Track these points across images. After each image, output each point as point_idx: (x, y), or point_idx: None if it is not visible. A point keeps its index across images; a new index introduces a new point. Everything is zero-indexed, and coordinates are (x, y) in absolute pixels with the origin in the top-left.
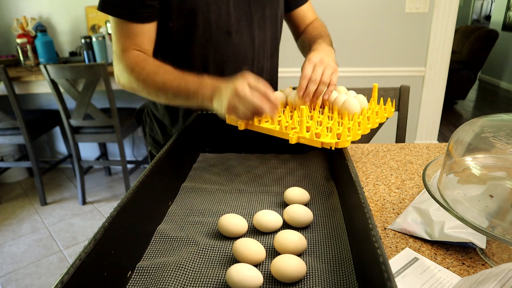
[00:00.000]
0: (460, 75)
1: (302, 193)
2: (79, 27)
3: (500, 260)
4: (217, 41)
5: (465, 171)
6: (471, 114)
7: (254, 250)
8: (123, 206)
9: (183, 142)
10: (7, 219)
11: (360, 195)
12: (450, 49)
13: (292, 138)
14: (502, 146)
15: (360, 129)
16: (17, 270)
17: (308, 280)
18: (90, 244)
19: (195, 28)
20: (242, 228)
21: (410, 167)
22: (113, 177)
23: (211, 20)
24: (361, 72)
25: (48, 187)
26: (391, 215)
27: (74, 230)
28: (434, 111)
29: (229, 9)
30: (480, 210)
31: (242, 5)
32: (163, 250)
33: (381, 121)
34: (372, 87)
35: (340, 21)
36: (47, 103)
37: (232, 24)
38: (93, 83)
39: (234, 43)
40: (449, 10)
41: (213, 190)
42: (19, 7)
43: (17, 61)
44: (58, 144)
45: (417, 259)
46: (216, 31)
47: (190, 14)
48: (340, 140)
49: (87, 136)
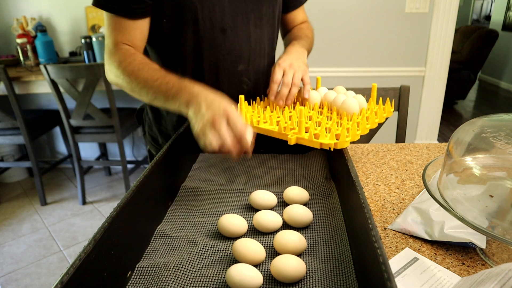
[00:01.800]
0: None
1: (302, 192)
2: (79, 27)
3: (500, 260)
4: (211, 39)
5: (465, 171)
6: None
7: (254, 250)
8: (123, 206)
9: (183, 142)
10: (7, 219)
11: (360, 195)
12: (450, 49)
13: (291, 139)
14: (502, 146)
15: (359, 130)
16: (17, 270)
17: (308, 280)
18: (90, 244)
19: (188, 25)
20: (242, 228)
21: (410, 167)
22: (113, 177)
23: (205, 17)
24: (361, 72)
25: (48, 187)
26: (391, 215)
27: (74, 230)
28: (434, 111)
29: (223, 6)
30: (480, 210)
31: (237, 2)
32: (163, 250)
33: (380, 121)
34: (372, 87)
35: (340, 21)
36: (47, 103)
37: (227, 21)
38: (93, 83)
39: (229, 41)
40: (449, 10)
41: (213, 190)
42: (19, 7)
43: (17, 61)
44: (58, 144)
45: (417, 259)
46: (210, 29)
47: (183, 11)
48: (339, 141)
49: (87, 136)
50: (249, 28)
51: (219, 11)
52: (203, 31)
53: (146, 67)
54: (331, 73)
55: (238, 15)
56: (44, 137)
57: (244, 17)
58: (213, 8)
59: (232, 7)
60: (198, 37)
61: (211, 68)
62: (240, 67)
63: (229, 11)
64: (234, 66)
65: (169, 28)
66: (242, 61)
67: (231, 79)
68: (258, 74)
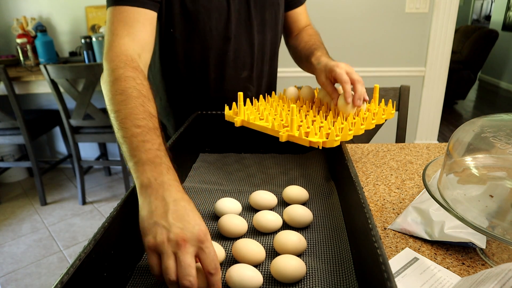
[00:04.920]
0: (460, 75)
1: (301, 191)
2: (79, 27)
3: (500, 260)
4: (217, 47)
5: (465, 171)
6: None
7: (254, 250)
8: (123, 206)
9: (183, 142)
10: (7, 219)
11: (360, 195)
12: (450, 49)
13: (282, 136)
14: (502, 146)
15: (352, 130)
16: (17, 270)
17: (308, 280)
18: (90, 244)
19: (195, 34)
20: (242, 229)
21: (410, 167)
22: (113, 177)
23: (212, 26)
24: (361, 72)
25: (48, 187)
26: (391, 215)
27: (74, 230)
28: (434, 111)
29: (229, 14)
30: (480, 210)
31: (242, 9)
32: None
33: (378, 123)
34: (373, 88)
35: (340, 21)
36: (47, 103)
37: (231, 29)
38: (93, 83)
39: (233, 48)
40: (449, 10)
41: (213, 190)
42: (19, 7)
43: (17, 61)
44: (58, 144)
45: (417, 259)
46: (215, 37)
47: (191, 20)
48: (328, 140)
49: (87, 136)
50: (252, 35)
51: (224, 19)
52: (210, 40)
53: (131, 101)
54: None
55: (242, 22)
56: (44, 137)
57: (248, 24)
58: (219, 17)
59: (236, 15)
60: (205, 46)
61: (217, 75)
62: (244, 74)
63: (234, 19)
64: (239, 73)
65: (178, 38)
66: (246, 68)
67: (235, 86)
68: (261, 79)
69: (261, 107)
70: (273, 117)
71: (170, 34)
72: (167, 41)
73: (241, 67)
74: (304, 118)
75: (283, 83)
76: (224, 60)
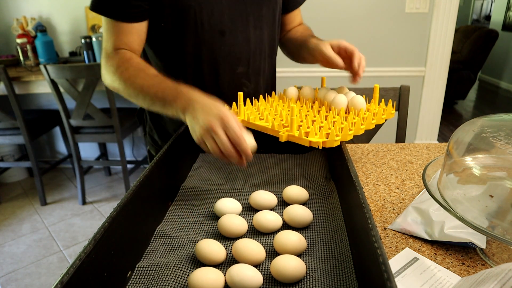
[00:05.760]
0: (460, 75)
1: (301, 191)
2: (79, 27)
3: (500, 260)
4: (210, 41)
5: (465, 171)
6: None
7: (254, 250)
8: (123, 206)
9: (183, 142)
10: (7, 219)
11: (360, 195)
12: (450, 49)
13: (282, 136)
14: (502, 146)
15: (352, 130)
16: (17, 270)
17: (308, 280)
18: (90, 244)
19: (187, 28)
20: (242, 229)
21: (410, 167)
22: (113, 177)
23: (204, 19)
24: None
25: (48, 187)
26: (391, 215)
27: (74, 230)
28: (434, 111)
29: (222, 8)
30: (480, 210)
31: (237, 4)
32: (163, 250)
33: (378, 123)
34: (374, 88)
35: (340, 21)
36: (47, 103)
37: (226, 23)
38: (93, 83)
39: (228, 43)
40: (449, 10)
41: (213, 190)
42: (19, 7)
43: (17, 61)
44: (58, 144)
45: (417, 259)
46: (208, 31)
47: (182, 14)
48: (328, 140)
49: (87, 136)
50: (248, 30)
51: (218, 13)
52: (202, 34)
53: (142, 73)
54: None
55: (237, 17)
56: (44, 137)
57: (244, 19)
58: (211, 10)
59: (231, 9)
60: (197, 40)
61: (211, 70)
62: (239, 69)
63: (228, 13)
64: (234, 69)
65: (168, 31)
66: (241, 63)
67: (231, 81)
68: (258, 76)
69: (261, 107)
70: (273, 117)
71: (160, 28)
72: (159, 36)
73: (236, 62)
74: (304, 118)
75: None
76: (217, 54)
